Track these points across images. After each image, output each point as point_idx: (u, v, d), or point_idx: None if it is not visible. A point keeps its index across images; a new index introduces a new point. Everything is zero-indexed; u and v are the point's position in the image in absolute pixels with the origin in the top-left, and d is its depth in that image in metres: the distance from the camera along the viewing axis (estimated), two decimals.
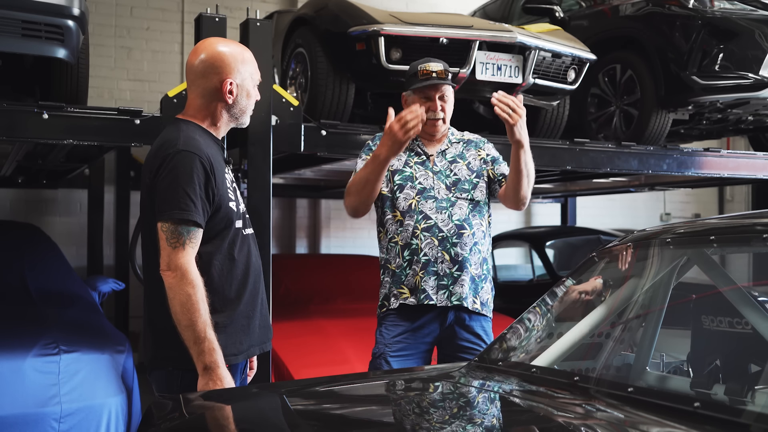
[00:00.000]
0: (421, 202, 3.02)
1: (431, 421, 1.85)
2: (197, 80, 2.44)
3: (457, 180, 3.07)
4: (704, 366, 2.18)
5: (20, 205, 7.14)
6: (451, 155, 3.13)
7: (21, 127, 3.42)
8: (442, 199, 3.03)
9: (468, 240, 3.01)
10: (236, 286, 2.41)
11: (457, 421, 1.87)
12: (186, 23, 7.56)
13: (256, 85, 2.53)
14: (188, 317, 2.22)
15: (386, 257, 3.08)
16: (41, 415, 3.16)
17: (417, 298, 2.98)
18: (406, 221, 3.02)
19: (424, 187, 3.04)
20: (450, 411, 1.97)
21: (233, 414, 2.02)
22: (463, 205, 3.05)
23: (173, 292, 2.24)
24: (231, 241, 2.41)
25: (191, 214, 2.26)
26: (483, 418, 1.92)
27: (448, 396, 2.15)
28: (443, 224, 3.00)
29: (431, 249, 2.98)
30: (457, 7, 6.87)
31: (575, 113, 5.22)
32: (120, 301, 6.79)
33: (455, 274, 2.98)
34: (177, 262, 2.24)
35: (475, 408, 2.03)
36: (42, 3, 3.13)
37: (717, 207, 10.52)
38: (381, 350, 3.01)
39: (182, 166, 2.28)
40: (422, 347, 3.02)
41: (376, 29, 4.01)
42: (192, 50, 2.50)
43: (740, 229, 2.16)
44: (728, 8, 4.76)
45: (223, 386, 2.23)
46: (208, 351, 2.23)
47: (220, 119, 2.48)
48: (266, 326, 2.56)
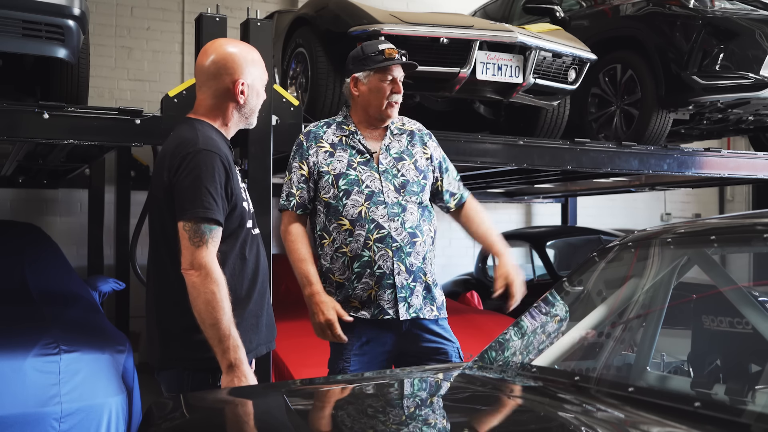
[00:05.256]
0: (371, 209, 2.86)
1: (431, 421, 1.85)
2: (208, 81, 2.45)
3: (406, 182, 2.95)
4: (705, 366, 2.18)
5: (21, 205, 7.14)
6: (395, 151, 3.00)
7: (21, 127, 3.42)
8: (392, 204, 2.89)
9: (421, 248, 2.90)
10: (247, 285, 2.43)
11: (458, 421, 1.87)
12: (186, 23, 7.56)
13: (264, 85, 2.55)
14: (213, 315, 2.22)
15: (329, 266, 2.91)
16: (42, 414, 3.16)
17: (371, 312, 2.85)
18: (357, 231, 2.86)
19: (372, 191, 2.89)
20: (450, 411, 1.97)
21: (233, 414, 2.03)
22: (414, 209, 2.92)
23: (197, 291, 2.23)
24: (243, 241, 2.43)
25: (213, 213, 2.27)
26: (483, 418, 1.92)
27: (448, 396, 2.15)
28: (396, 233, 2.86)
29: (386, 261, 2.84)
30: (458, 7, 6.86)
31: (576, 113, 5.22)
32: (120, 301, 6.79)
33: (411, 285, 2.87)
34: (201, 260, 2.24)
35: (475, 408, 2.03)
36: (42, 3, 3.13)
37: (717, 207, 10.51)
38: (339, 365, 2.87)
39: (204, 164, 2.29)
40: (380, 357, 2.91)
41: (376, 29, 4.01)
42: (201, 51, 2.51)
43: (741, 229, 2.16)
44: (729, 8, 4.76)
45: (247, 383, 2.25)
46: (233, 348, 2.24)
47: (231, 119, 2.49)
48: (272, 325, 2.57)
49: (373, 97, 2.98)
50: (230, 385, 2.23)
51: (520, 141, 4.61)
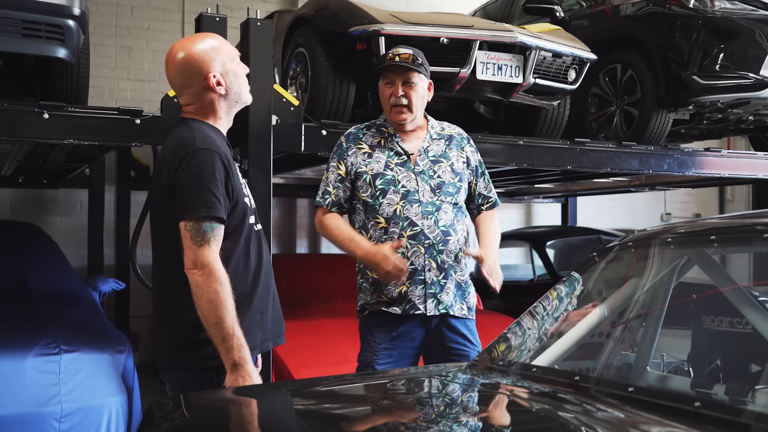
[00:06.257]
0: (406, 207, 2.94)
1: (432, 421, 1.85)
2: (183, 89, 2.45)
3: (441, 183, 3.01)
4: (705, 366, 2.18)
5: (21, 204, 7.14)
6: (433, 154, 3.06)
7: (21, 127, 3.42)
8: (427, 203, 2.96)
9: (453, 247, 2.97)
10: (250, 282, 2.42)
11: (458, 421, 1.87)
12: (186, 23, 7.56)
13: (237, 62, 2.49)
14: (216, 314, 2.22)
15: None
16: (42, 414, 3.16)
17: (402, 308, 2.93)
18: (391, 228, 2.94)
19: (408, 190, 2.97)
20: (450, 411, 1.97)
21: (233, 414, 2.03)
22: (449, 209, 2.99)
23: (200, 290, 2.23)
24: (247, 237, 2.42)
25: (215, 211, 2.27)
26: (484, 419, 1.92)
27: (448, 396, 2.15)
28: (429, 231, 2.93)
29: (418, 257, 2.92)
30: (458, 7, 6.86)
31: (576, 113, 5.22)
32: (120, 301, 6.78)
33: (442, 282, 2.94)
34: (203, 259, 2.24)
35: (475, 408, 2.03)
36: (42, 3, 3.13)
37: (717, 207, 10.51)
38: (368, 359, 2.96)
39: (204, 163, 2.29)
40: (409, 353, 2.99)
41: (376, 29, 4.01)
42: (165, 62, 2.47)
43: (741, 228, 2.16)
44: (729, 8, 4.76)
45: (251, 382, 2.24)
46: (237, 347, 2.23)
47: (221, 110, 2.48)
48: (279, 320, 2.56)
49: (383, 102, 3.08)
50: (234, 384, 2.23)
51: (520, 141, 4.61)
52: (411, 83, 3.01)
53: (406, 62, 3.00)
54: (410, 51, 3.04)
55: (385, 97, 3.05)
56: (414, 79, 3.02)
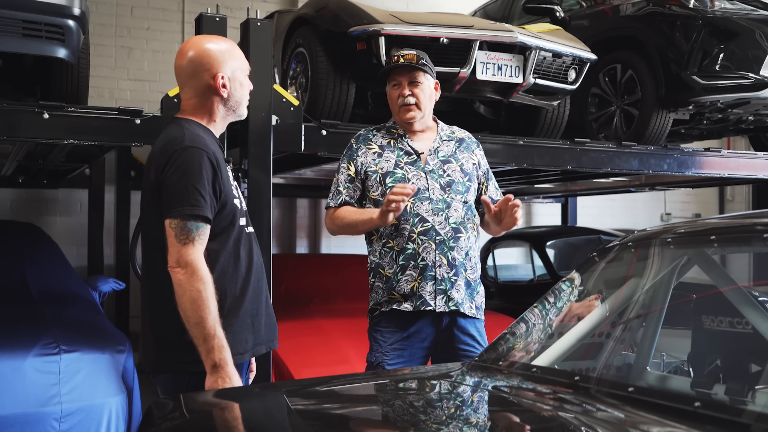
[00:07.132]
0: (416, 204, 2.96)
1: (432, 421, 1.85)
2: (189, 80, 2.44)
3: (451, 181, 3.02)
4: (705, 366, 2.18)
5: (20, 204, 7.14)
6: (443, 154, 3.08)
7: (21, 127, 3.42)
8: (437, 200, 2.98)
9: (464, 244, 2.98)
10: (241, 284, 2.40)
11: (458, 421, 1.87)
12: (186, 23, 7.56)
13: (246, 75, 2.52)
14: (198, 314, 2.20)
15: (378, 262, 3.01)
16: (42, 414, 3.16)
17: (413, 304, 2.94)
18: (402, 225, 2.95)
19: (419, 188, 2.98)
20: (450, 411, 1.97)
21: (233, 414, 2.02)
22: (459, 207, 3.00)
23: (183, 289, 2.21)
24: (236, 239, 2.40)
25: (200, 210, 2.25)
26: (483, 418, 1.92)
27: (448, 396, 2.15)
28: (440, 227, 2.95)
29: (429, 253, 2.94)
30: (458, 7, 6.87)
31: (576, 113, 5.22)
32: (120, 301, 6.80)
33: (452, 279, 2.95)
34: (186, 258, 2.22)
35: (475, 408, 2.03)
36: (42, 3, 3.13)
37: (717, 207, 10.52)
38: (378, 359, 2.97)
39: (190, 162, 2.27)
40: (419, 353, 2.99)
41: (376, 29, 4.01)
42: (178, 52, 2.49)
43: (741, 228, 2.16)
44: (729, 8, 4.76)
45: (231, 384, 2.22)
46: (218, 348, 2.21)
47: (218, 114, 2.48)
48: (272, 324, 2.55)
49: (391, 104, 3.12)
50: (214, 386, 2.20)
51: (520, 141, 4.61)
52: (417, 82, 3.05)
53: (411, 62, 3.03)
54: (414, 52, 3.08)
55: (393, 99, 3.09)
56: (420, 78, 3.05)
